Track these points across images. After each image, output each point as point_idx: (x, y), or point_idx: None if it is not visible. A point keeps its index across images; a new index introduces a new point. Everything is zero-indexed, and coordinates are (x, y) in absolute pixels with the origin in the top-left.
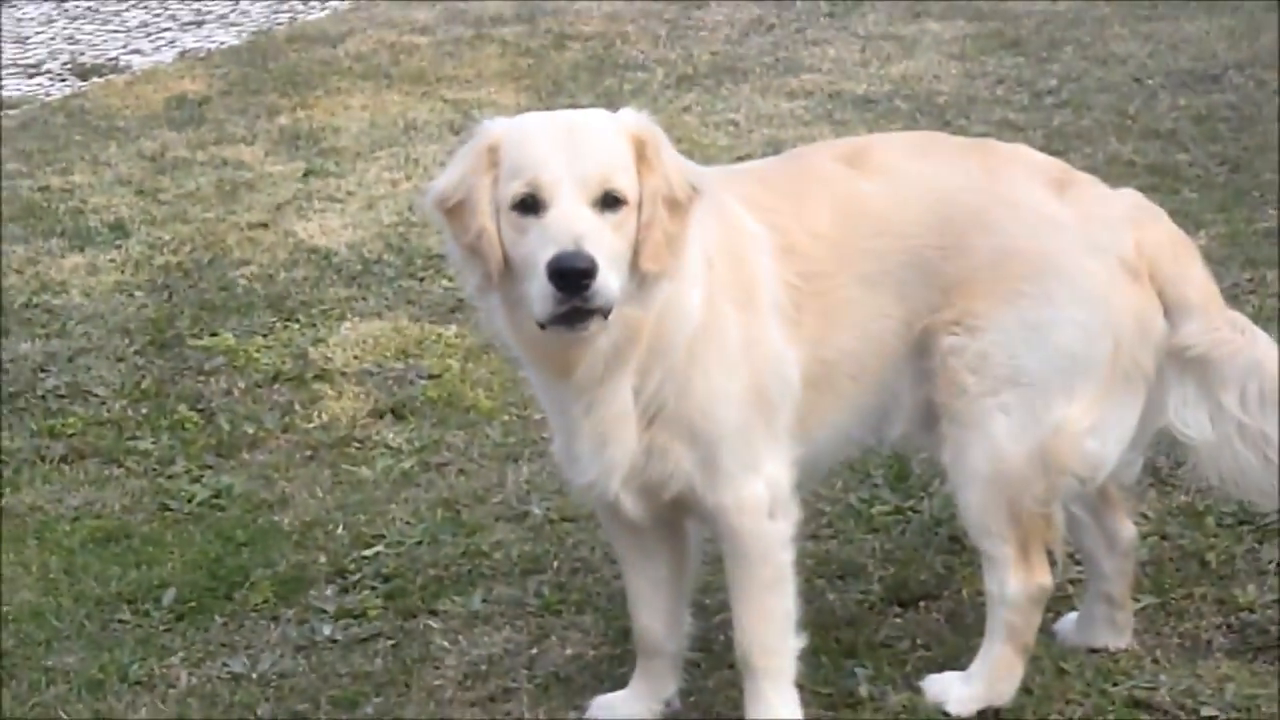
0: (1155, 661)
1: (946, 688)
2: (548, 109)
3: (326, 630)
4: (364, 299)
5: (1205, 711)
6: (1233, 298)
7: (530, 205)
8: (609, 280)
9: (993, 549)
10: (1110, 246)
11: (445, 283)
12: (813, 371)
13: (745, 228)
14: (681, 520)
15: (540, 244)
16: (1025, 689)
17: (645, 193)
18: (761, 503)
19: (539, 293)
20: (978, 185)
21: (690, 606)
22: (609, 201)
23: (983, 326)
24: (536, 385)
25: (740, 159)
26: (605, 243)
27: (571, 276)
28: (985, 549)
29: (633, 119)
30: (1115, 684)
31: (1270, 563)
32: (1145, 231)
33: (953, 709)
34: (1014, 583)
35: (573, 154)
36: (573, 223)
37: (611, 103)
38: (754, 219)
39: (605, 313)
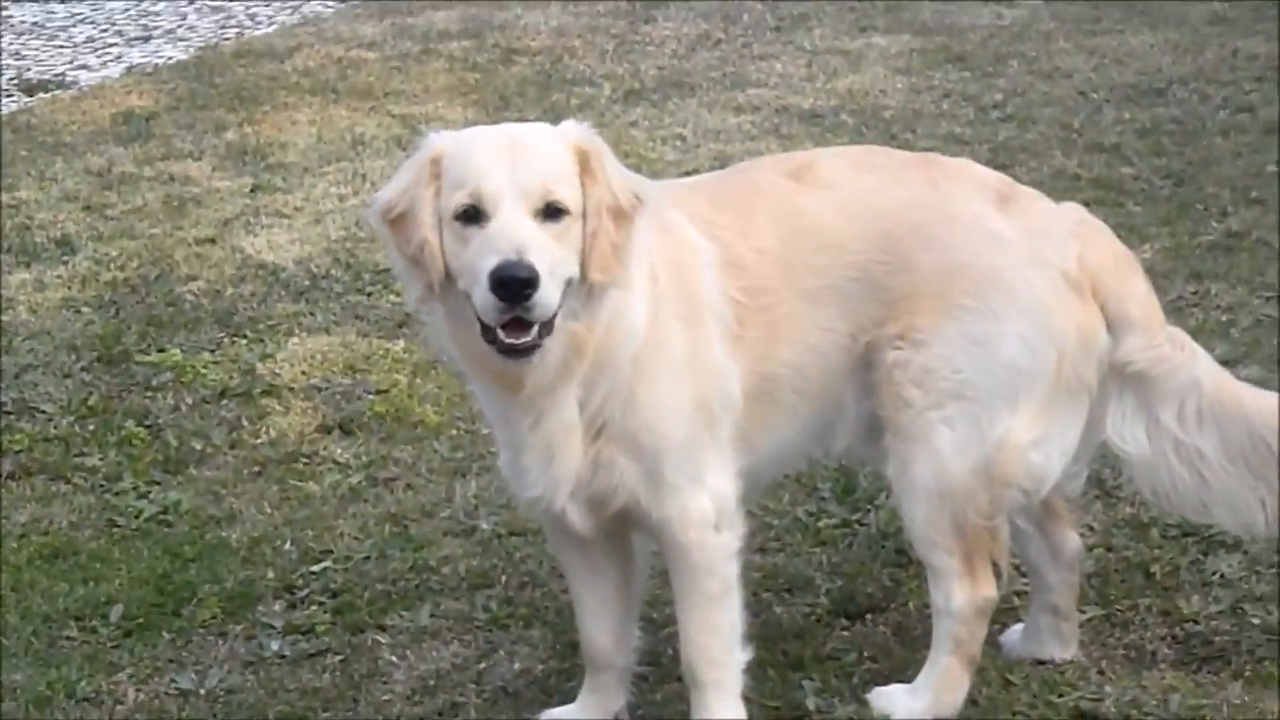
0: (1101, 673)
1: (893, 700)
2: (495, 124)
3: (274, 646)
4: (312, 314)
5: None
6: (1177, 310)
7: (473, 215)
8: (550, 290)
9: (938, 562)
10: (1053, 261)
11: (393, 298)
12: (755, 385)
13: (690, 242)
14: (628, 534)
15: (483, 253)
16: (972, 700)
17: (589, 203)
18: (707, 515)
19: (481, 302)
20: (922, 200)
21: (638, 620)
22: (551, 212)
23: (927, 340)
24: (482, 399)
25: (688, 173)
26: (547, 253)
27: (513, 285)
28: (930, 562)
29: (575, 131)
30: (1061, 695)
31: (1214, 574)
32: (1088, 246)
33: None
34: (959, 595)
35: (514, 165)
36: (515, 232)
37: (559, 117)
38: (699, 233)
39: (545, 325)
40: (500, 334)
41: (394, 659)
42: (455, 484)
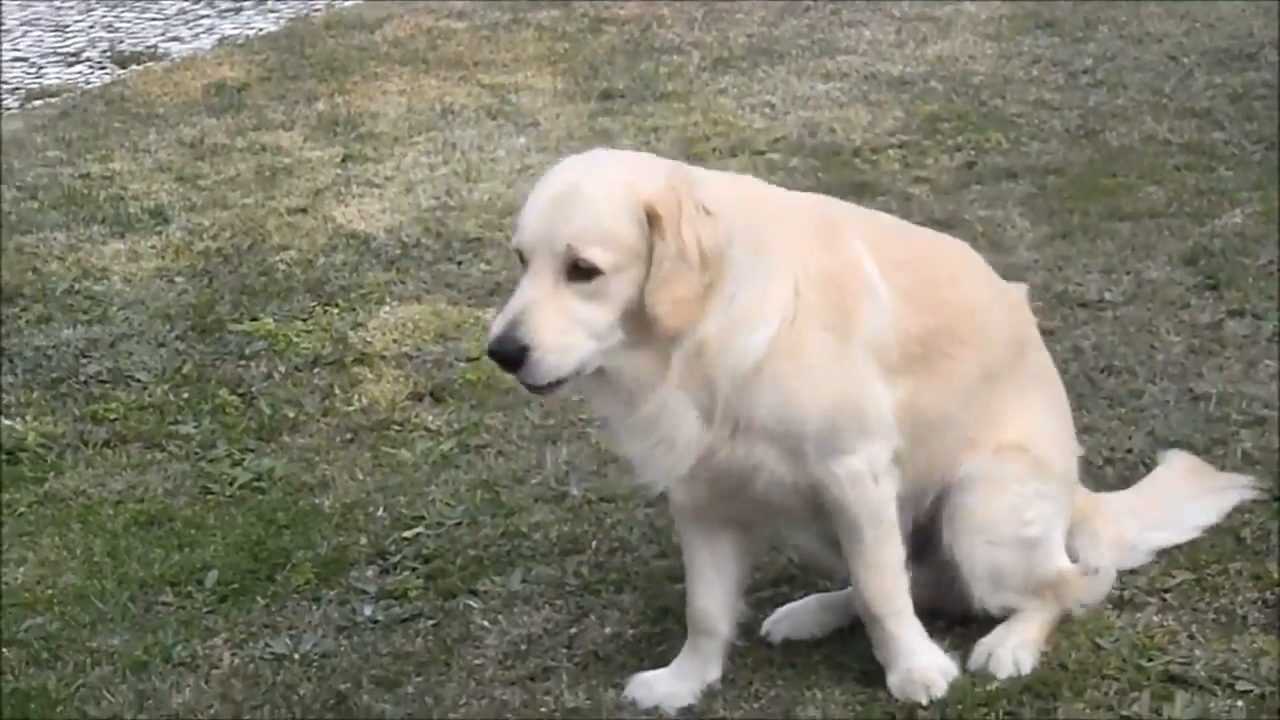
0: (1191, 637)
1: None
2: (584, 93)
3: (368, 611)
4: (402, 283)
5: (1240, 686)
6: (1268, 274)
7: (522, 264)
8: (549, 357)
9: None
10: None
11: (483, 266)
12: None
13: (861, 266)
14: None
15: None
16: (1061, 665)
17: (655, 257)
18: (860, 474)
19: None
20: None
21: (744, 592)
22: (581, 272)
23: None
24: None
25: (776, 141)
26: (561, 317)
27: (499, 359)
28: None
29: (651, 182)
30: (1150, 659)
31: None
32: None
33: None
34: None
35: (554, 221)
36: (519, 300)
37: (648, 85)
38: (875, 261)
39: (558, 384)
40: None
41: (485, 624)
42: (546, 450)
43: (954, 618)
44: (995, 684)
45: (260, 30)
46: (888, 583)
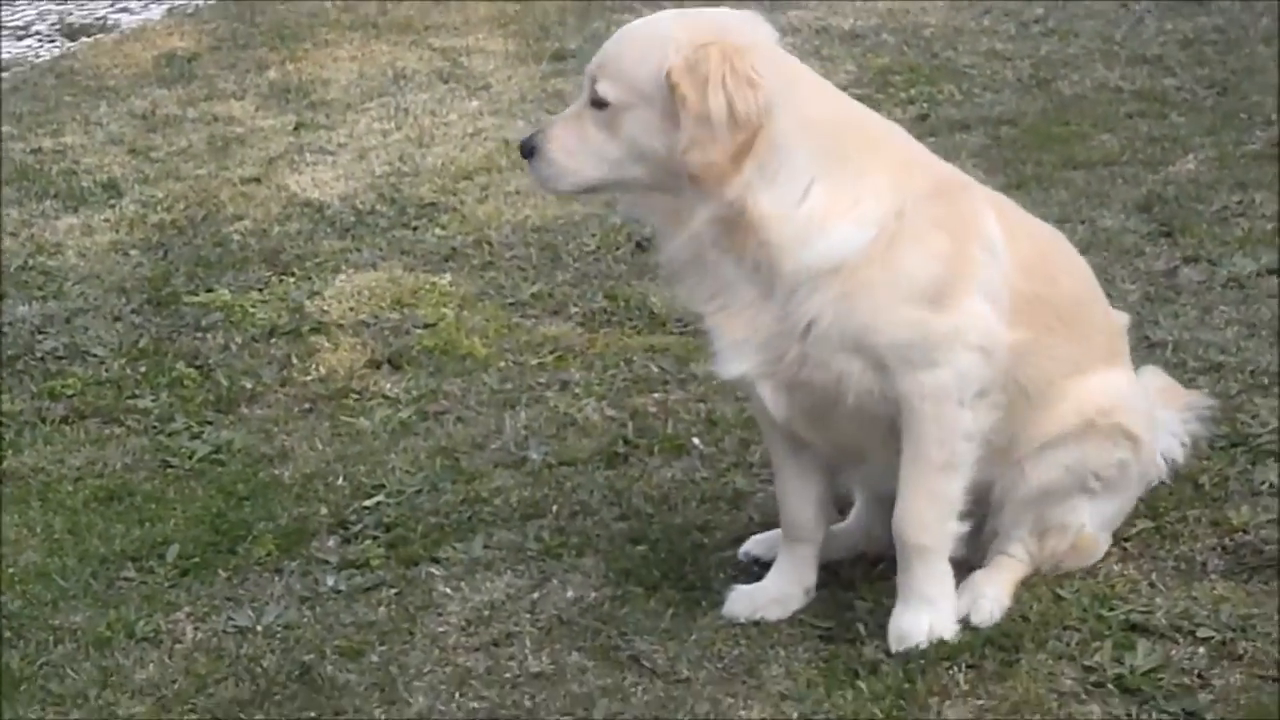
0: (1151, 585)
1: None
2: (536, 54)
3: (330, 581)
4: (358, 250)
5: (1201, 633)
6: (1222, 220)
7: None
8: (548, 167)
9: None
10: None
11: (439, 231)
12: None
13: (980, 218)
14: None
15: None
16: (1022, 617)
17: (683, 113)
18: (947, 389)
19: None
20: None
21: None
22: (596, 101)
23: None
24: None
25: None
26: (571, 133)
27: (522, 151)
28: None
29: (703, 34)
30: (1111, 608)
31: (1263, 484)
32: None
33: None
34: None
35: (601, 52)
36: (553, 119)
37: (599, 44)
38: (997, 223)
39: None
40: None
41: (448, 591)
42: (505, 416)
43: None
44: (958, 637)
45: None
46: (933, 515)
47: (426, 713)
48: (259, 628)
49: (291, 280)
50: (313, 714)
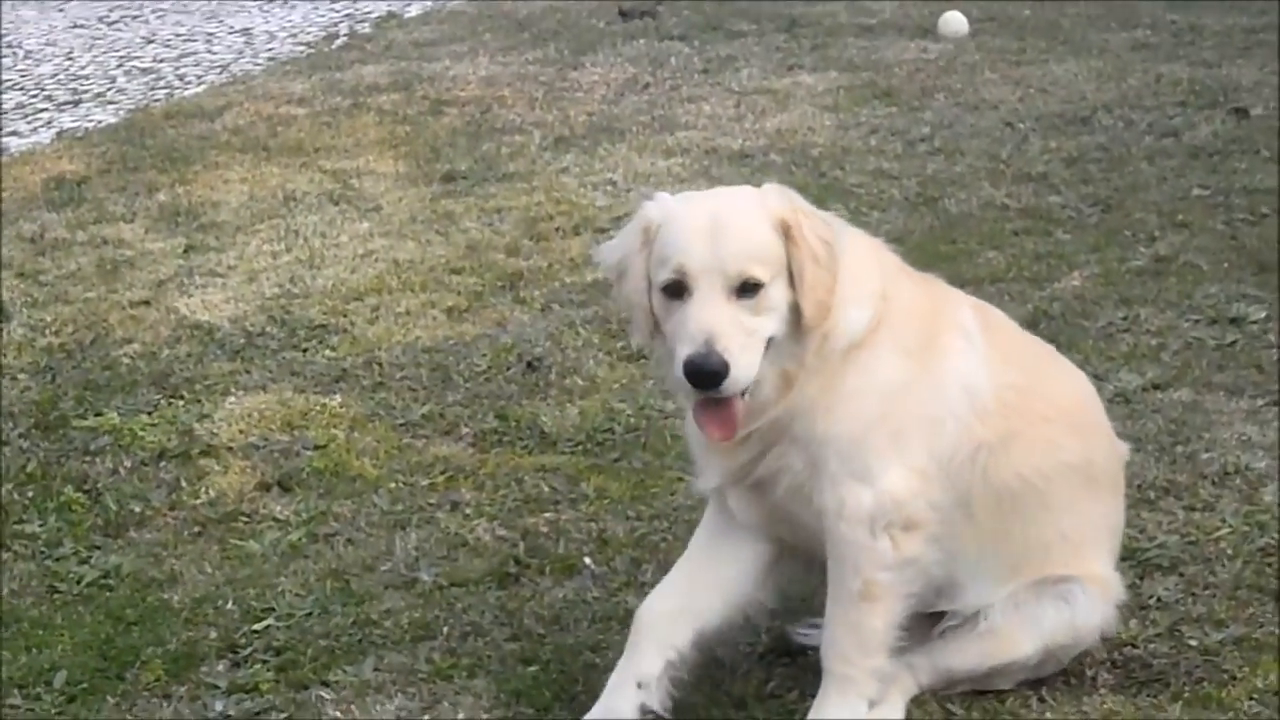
0: (1041, 700)
1: None
2: (426, 176)
3: (219, 706)
4: (248, 372)
5: None
6: (1108, 336)
7: (675, 290)
8: (742, 370)
9: None
10: None
11: (329, 352)
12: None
13: (956, 312)
14: (779, 560)
15: (680, 334)
16: None
17: (795, 265)
18: (863, 512)
19: (675, 378)
20: None
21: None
22: (747, 288)
23: None
24: None
25: (619, 219)
26: (740, 331)
27: (703, 379)
28: None
29: (775, 199)
30: None
31: (1151, 598)
32: None
33: None
34: None
35: (714, 245)
36: (708, 320)
37: (490, 166)
38: (972, 318)
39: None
40: (700, 418)
41: (338, 714)
42: (395, 537)
43: None
44: None
45: (99, 122)
46: (848, 644)
47: None
48: None
49: (181, 403)
50: None
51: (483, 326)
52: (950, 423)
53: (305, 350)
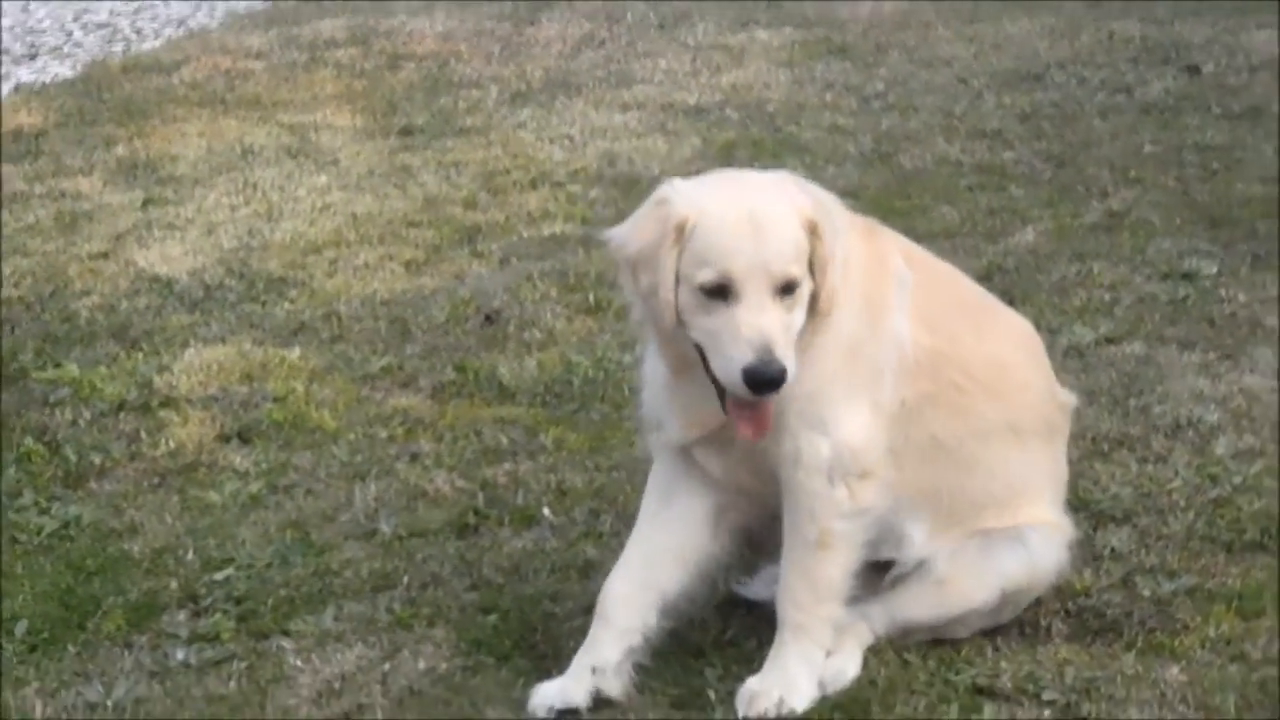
0: (996, 649)
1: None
2: (384, 130)
3: (180, 655)
4: (207, 325)
5: (1046, 695)
6: (1061, 290)
7: (719, 292)
8: (792, 374)
9: None
10: None
11: (287, 305)
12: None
13: (892, 264)
14: (738, 519)
15: (731, 338)
16: (870, 681)
17: (817, 261)
18: (820, 461)
19: (729, 383)
20: None
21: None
22: (787, 288)
23: None
24: (653, 367)
25: (576, 172)
26: (788, 334)
27: (765, 386)
28: None
29: (804, 200)
30: (958, 672)
31: (1104, 548)
32: None
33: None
34: None
35: (759, 248)
36: (767, 327)
37: (447, 121)
38: (905, 272)
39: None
40: (738, 418)
41: (299, 663)
42: (355, 488)
43: None
44: (804, 704)
45: (57, 76)
46: (803, 593)
47: None
48: (109, 703)
49: (140, 355)
50: None
51: (441, 279)
52: (888, 375)
53: (264, 303)
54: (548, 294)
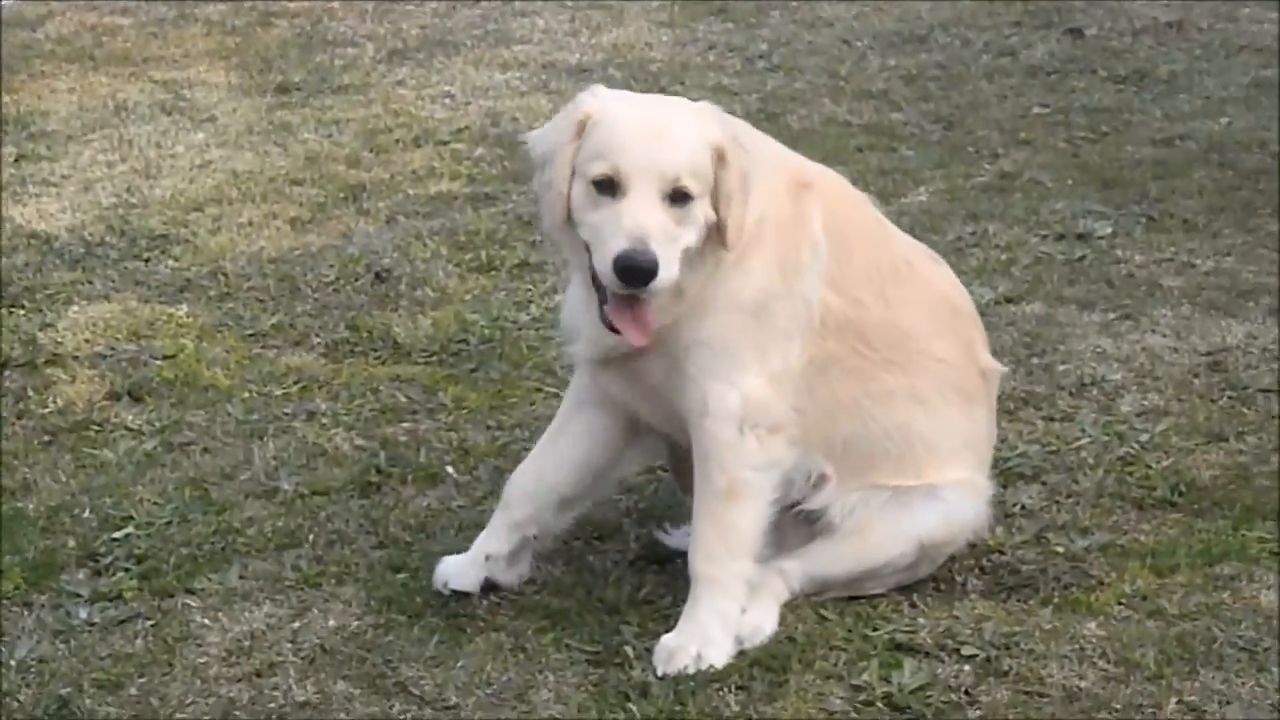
0: (913, 605)
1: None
2: (260, 87)
3: (83, 614)
4: (89, 282)
5: (966, 651)
6: (958, 250)
7: (607, 186)
8: (667, 274)
9: None
10: None
11: (172, 263)
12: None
13: (811, 225)
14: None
15: (611, 229)
16: (788, 637)
17: (723, 188)
18: (729, 410)
19: (603, 274)
20: None
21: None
22: (678, 197)
23: None
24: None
25: (459, 131)
26: (669, 237)
27: (635, 275)
28: None
29: (713, 121)
30: (875, 628)
31: (1015, 505)
32: None
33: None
34: None
35: (655, 149)
36: (644, 220)
37: (324, 78)
38: (822, 234)
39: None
40: (604, 312)
41: (206, 622)
42: (252, 446)
43: None
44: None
45: None
46: (715, 545)
47: None
48: (12, 663)
49: (22, 312)
50: None
51: (328, 237)
52: (797, 335)
53: (147, 260)
54: (438, 252)
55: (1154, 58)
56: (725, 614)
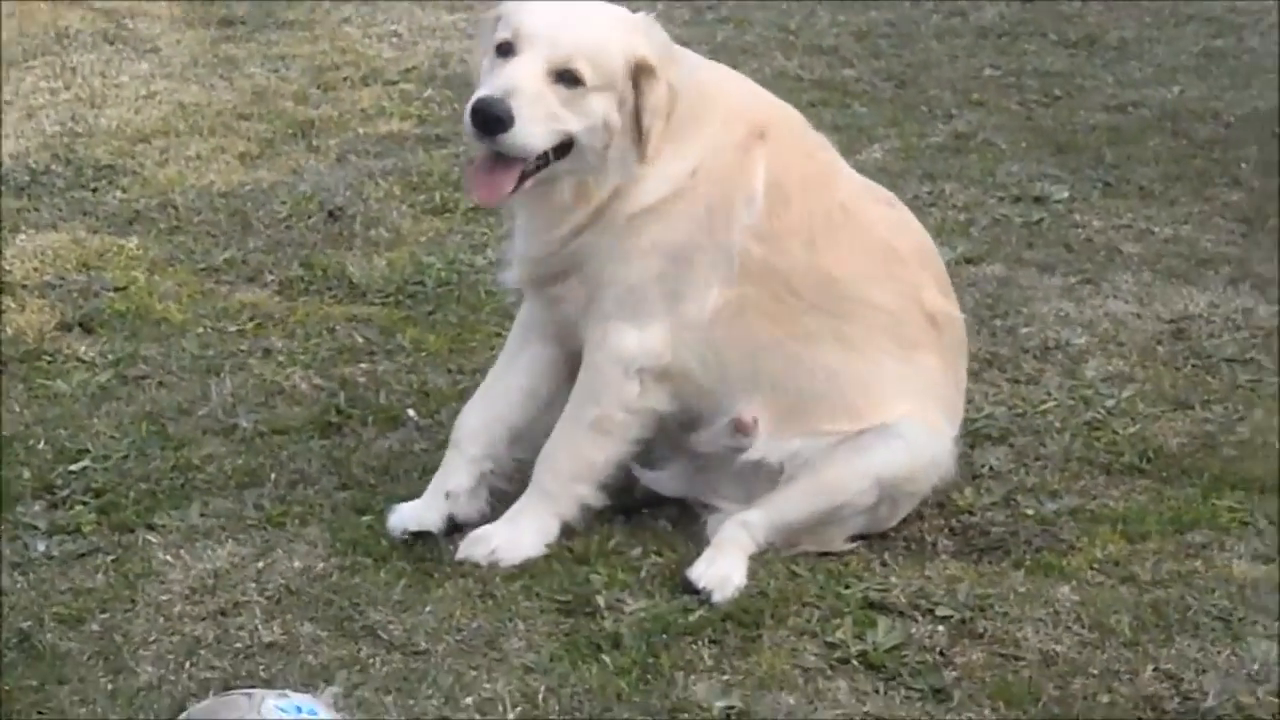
0: (884, 564)
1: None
2: (204, 19)
3: (41, 546)
4: (36, 210)
5: (940, 611)
6: (915, 209)
7: (506, 50)
8: (528, 136)
9: None
10: None
11: (120, 194)
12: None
13: (751, 179)
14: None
15: (485, 83)
16: (761, 593)
17: (644, 102)
18: (622, 351)
19: (465, 123)
20: None
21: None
22: (567, 77)
23: None
24: None
25: (408, 71)
26: (541, 105)
27: (484, 118)
28: None
29: (643, 40)
30: (848, 586)
31: (984, 467)
32: None
33: None
34: None
35: (555, 23)
36: (516, 75)
37: (269, 13)
38: (761, 187)
39: (524, 163)
40: (471, 177)
41: (168, 559)
42: (209, 382)
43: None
44: (696, 614)
45: None
46: (567, 467)
47: (156, 682)
48: None
49: None
50: (35, 683)
51: (278, 174)
52: (716, 284)
53: (95, 190)
54: (391, 193)
55: (1104, 23)
56: (545, 527)
